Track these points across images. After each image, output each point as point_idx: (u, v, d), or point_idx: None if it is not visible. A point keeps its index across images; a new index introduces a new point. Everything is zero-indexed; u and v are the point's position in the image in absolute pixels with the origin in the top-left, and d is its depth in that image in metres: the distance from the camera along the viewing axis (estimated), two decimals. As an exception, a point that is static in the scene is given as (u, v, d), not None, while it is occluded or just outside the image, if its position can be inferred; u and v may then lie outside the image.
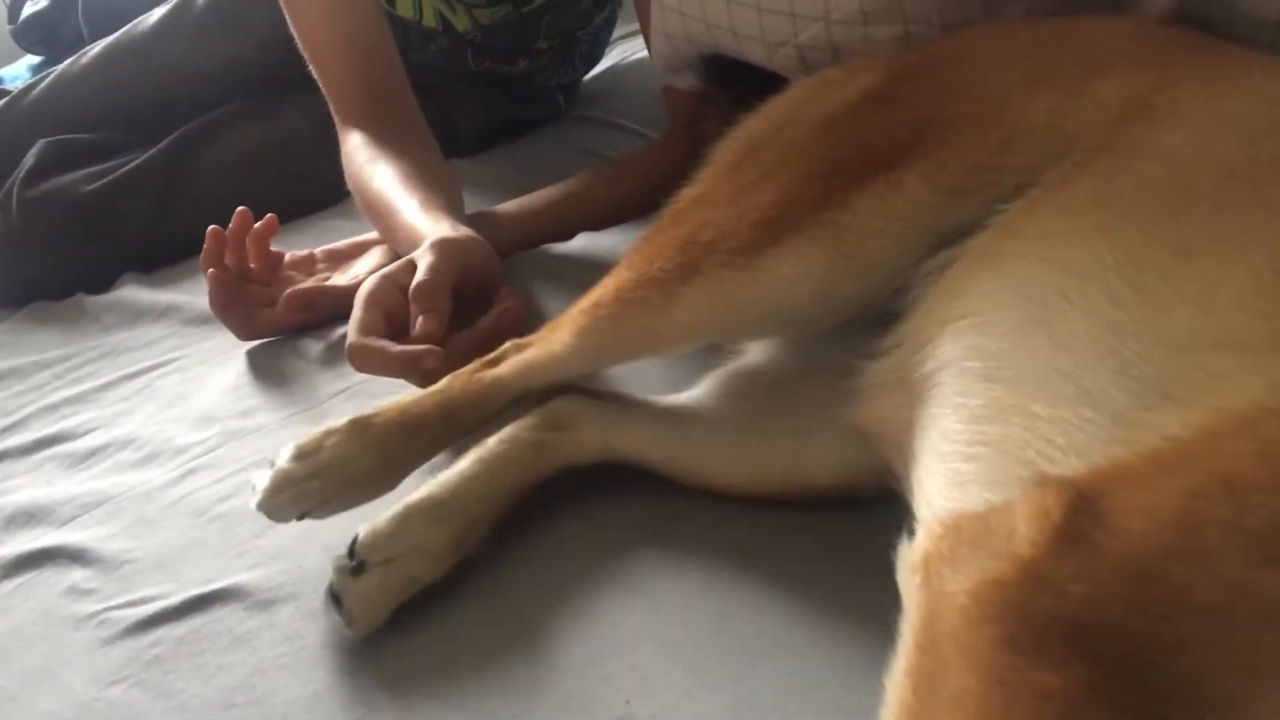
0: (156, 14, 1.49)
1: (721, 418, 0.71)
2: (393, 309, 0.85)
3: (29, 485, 0.95)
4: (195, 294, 1.23)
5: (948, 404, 0.50)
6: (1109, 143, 0.55)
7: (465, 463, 0.71)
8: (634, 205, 1.14)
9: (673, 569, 0.66)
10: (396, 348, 0.80)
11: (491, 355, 0.74)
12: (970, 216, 0.58)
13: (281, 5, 1.13)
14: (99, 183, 1.35)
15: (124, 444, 0.96)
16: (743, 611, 0.61)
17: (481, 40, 1.41)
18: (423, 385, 0.80)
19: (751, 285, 0.62)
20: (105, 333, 1.20)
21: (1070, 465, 0.43)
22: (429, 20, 1.40)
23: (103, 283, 1.33)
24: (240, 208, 1.04)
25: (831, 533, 0.65)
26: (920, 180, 0.59)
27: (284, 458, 0.69)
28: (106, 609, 0.75)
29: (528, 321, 0.87)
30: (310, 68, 1.15)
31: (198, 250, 1.33)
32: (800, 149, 0.66)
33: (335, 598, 0.66)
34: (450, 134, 1.47)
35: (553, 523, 0.73)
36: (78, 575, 0.80)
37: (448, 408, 0.72)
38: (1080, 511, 0.37)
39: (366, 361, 0.82)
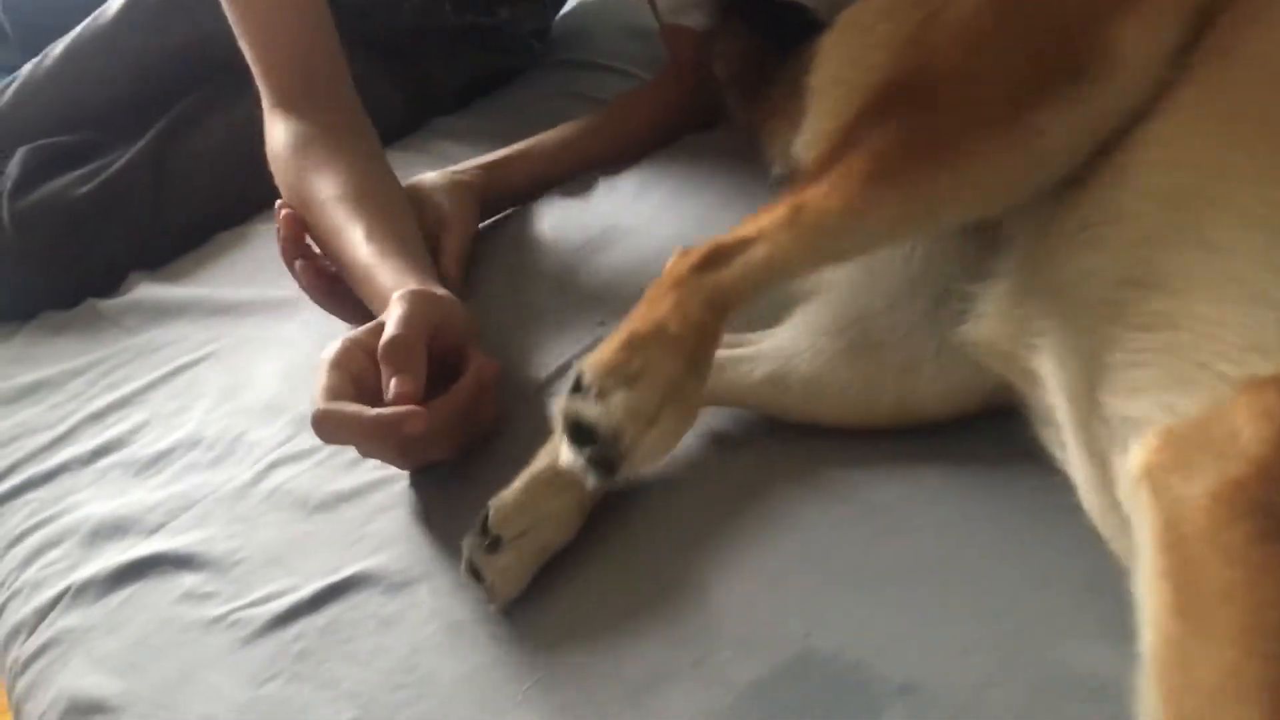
0: (114, 6, 1.45)
1: (823, 355, 0.72)
2: (360, 374, 0.76)
3: (99, 497, 0.95)
4: (211, 285, 1.22)
5: (1102, 315, 0.53)
6: (1225, 43, 0.57)
7: None
8: (644, 141, 1.16)
9: (806, 503, 0.68)
10: (372, 412, 0.72)
11: (697, 259, 0.66)
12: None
13: None
14: (91, 184, 1.32)
15: (191, 444, 0.95)
16: (895, 536, 0.63)
17: None
18: (402, 455, 0.75)
19: (1106, 94, 0.59)
20: (129, 334, 1.19)
21: (1254, 364, 0.46)
22: None
23: (108, 285, 1.30)
24: (284, 213, 0.99)
25: (955, 452, 0.68)
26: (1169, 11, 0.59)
27: (606, 383, 0.60)
28: (234, 610, 0.76)
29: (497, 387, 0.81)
30: (240, 44, 1.07)
31: (198, 241, 1.34)
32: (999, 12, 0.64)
33: (475, 573, 0.68)
34: (427, 94, 1.46)
35: (659, 478, 0.74)
36: (189, 581, 0.80)
37: (713, 312, 0.64)
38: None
39: (335, 430, 0.73)
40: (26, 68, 1.45)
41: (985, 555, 0.60)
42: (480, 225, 1.12)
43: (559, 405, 0.62)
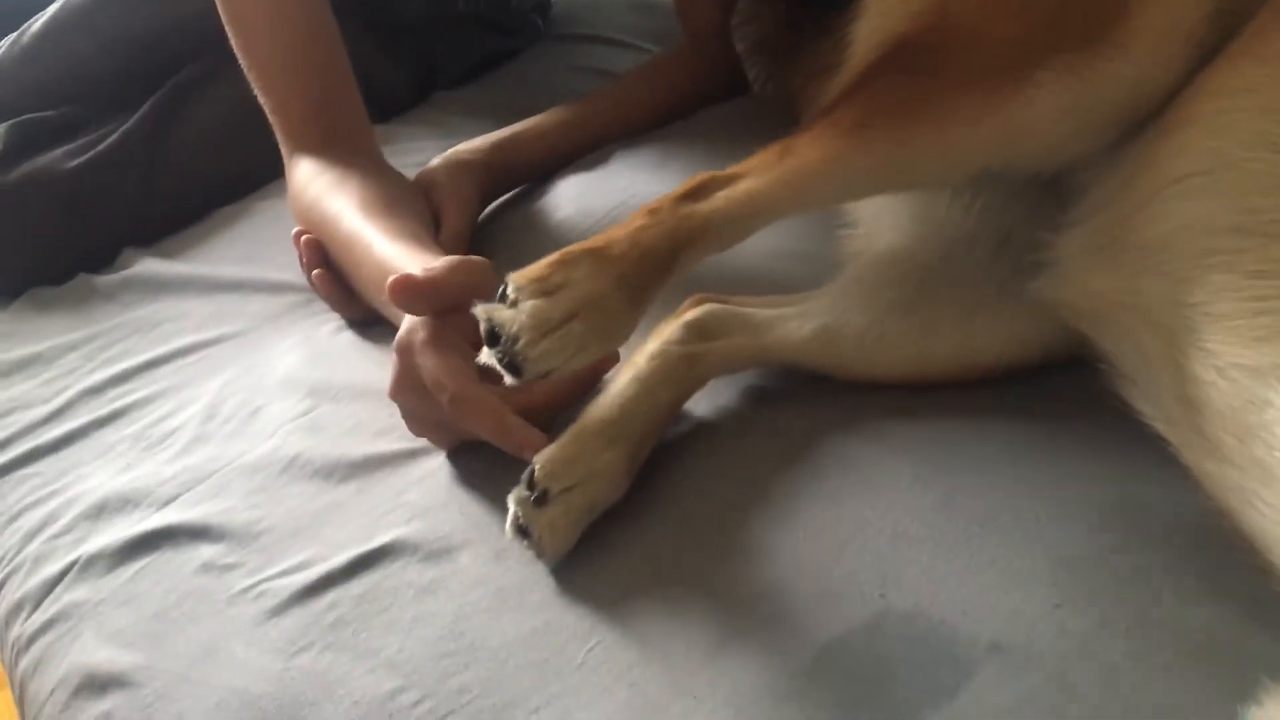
0: None
1: (875, 307, 0.70)
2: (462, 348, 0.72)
3: (104, 471, 0.91)
4: (212, 262, 1.19)
5: (1208, 265, 0.51)
6: None
7: (623, 383, 0.70)
8: (661, 115, 1.14)
9: (865, 459, 0.66)
10: (513, 417, 0.69)
11: (686, 188, 0.65)
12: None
13: (221, 15, 1.04)
14: (81, 159, 1.28)
15: (204, 419, 0.91)
16: (965, 492, 0.61)
17: None
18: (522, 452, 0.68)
19: (1105, 79, 0.59)
20: (126, 309, 1.15)
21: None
22: None
23: (98, 261, 1.27)
24: (304, 239, 0.96)
25: (1021, 405, 0.66)
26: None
27: (522, 294, 0.59)
28: (260, 580, 0.72)
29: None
30: (253, 87, 1.04)
31: (192, 217, 1.31)
32: None
33: (522, 530, 0.65)
34: (433, 75, 1.43)
35: (705, 436, 0.72)
36: (208, 552, 0.77)
37: (672, 240, 0.63)
38: None
39: (482, 418, 0.69)
40: (3, 45, 1.41)
41: (1066, 512, 0.58)
42: (494, 202, 1.10)
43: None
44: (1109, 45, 0.59)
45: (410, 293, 0.73)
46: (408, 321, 0.74)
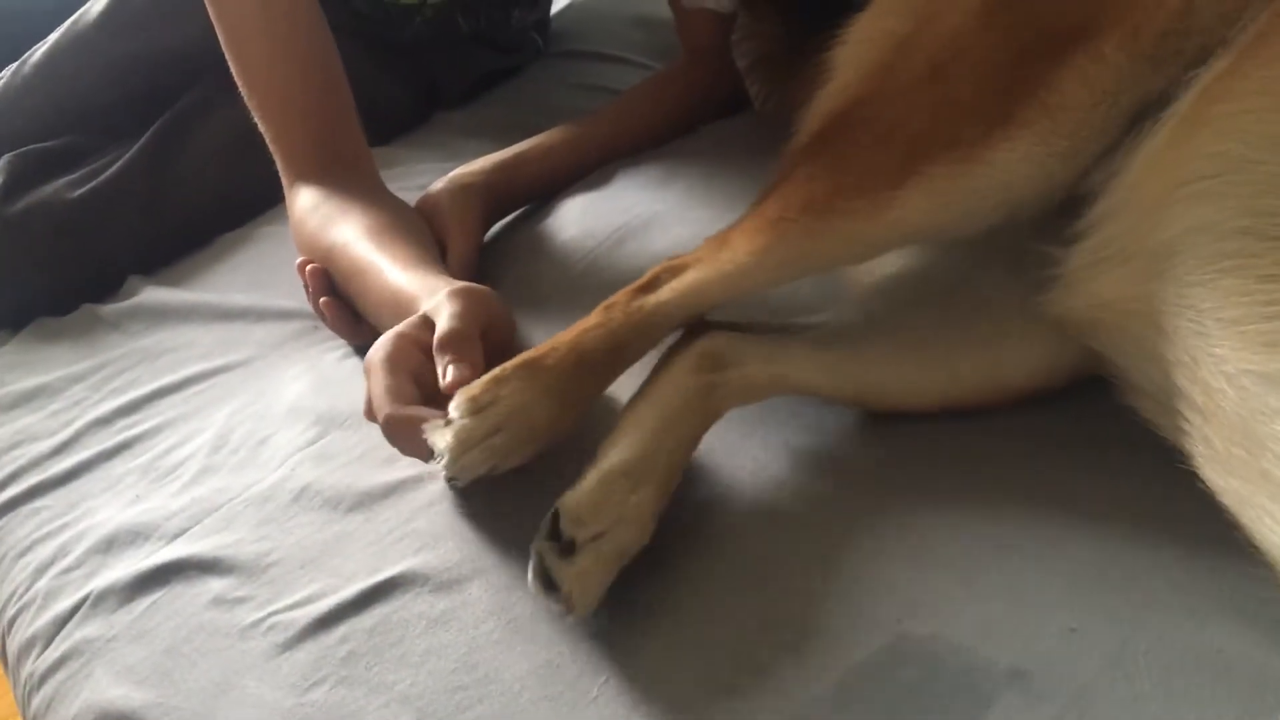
0: (94, 10, 1.41)
1: (898, 334, 0.69)
2: (417, 370, 0.73)
3: (114, 504, 0.90)
4: (218, 290, 1.18)
5: (1218, 269, 0.50)
6: None
7: (640, 419, 0.68)
8: (662, 132, 1.13)
9: (880, 487, 0.65)
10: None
11: (643, 281, 0.71)
12: (1165, 84, 0.58)
13: (223, 45, 1.03)
14: (84, 188, 1.27)
15: (212, 449, 0.91)
16: (981, 520, 0.61)
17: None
18: None
19: (973, 179, 0.61)
20: (131, 339, 1.14)
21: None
22: None
23: (102, 290, 1.26)
24: (310, 268, 0.96)
25: (1044, 427, 0.65)
26: (1118, 49, 0.59)
27: (458, 412, 0.65)
28: (270, 614, 0.72)
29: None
30: (253, 115, 1.03)
31: (195, 245, 1.30)
32: (973, 35, 0.65)
33: (548, 582, 0.61)
34: (434, 94, 1.43)
35: (714, 467, 0.71)
36: (218, 585, 0.76)
37: (615, 340, 0.69)
38: None
39: (408, 435, 0.69)
40: (4, 75, 1.41)
41: (1083, 536, 0.57)
42: (499, 223, 1.09)
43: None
44: (993, 143, 0.62)
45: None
46: (376, 341, 0.75)
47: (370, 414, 0.74)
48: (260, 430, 0.91)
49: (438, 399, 0.70)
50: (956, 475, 0.64)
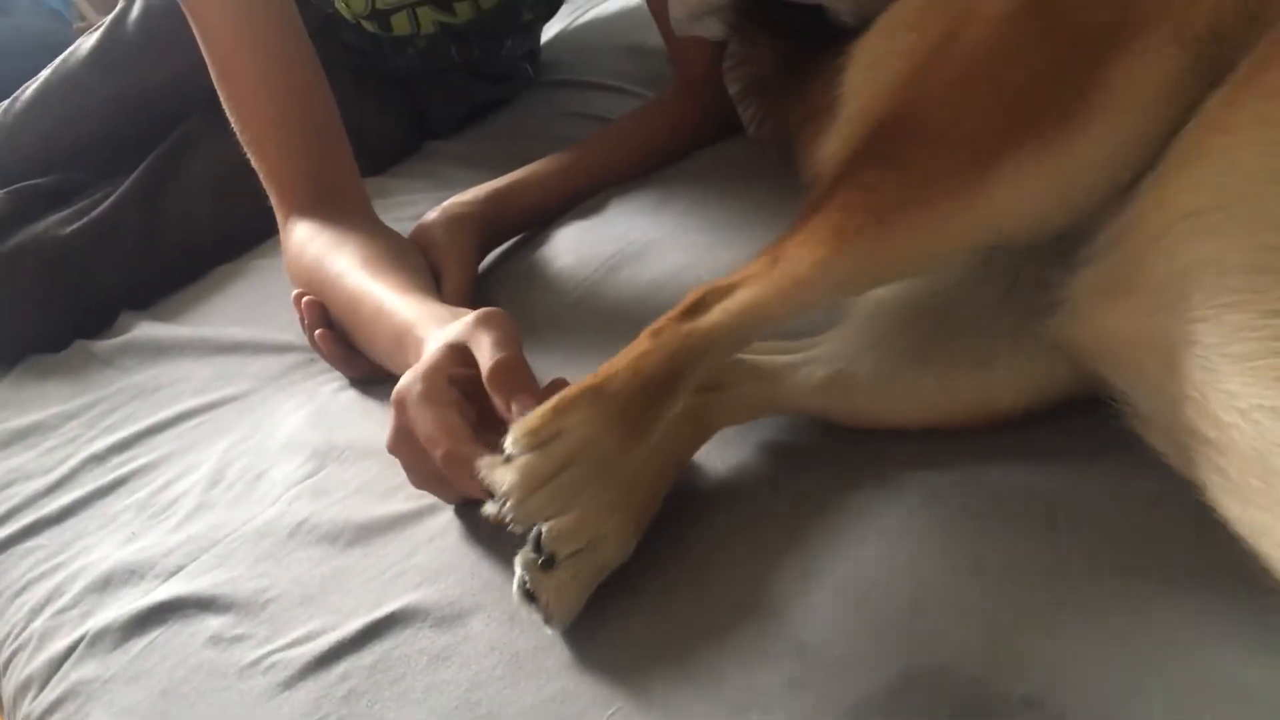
0: (86, 46, 1.41)
1: (890, 354, 0.69)
2: (457, 404, 0.70)
3: (109, 542, 0.89)
4: (212, 323, 1.18)
5: (1222, 303, 0.50)
6: None
7: None
8: (656, 159, 1.13)
9: (883, 511, 0.65)
10: None
11: (685, 305, 0.66)
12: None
13: (214, 80, 1.03)
14: (76, 225, 1.27)
15: (208, 485, 0.90)
16: (986, 543, 0.60)
17: (472, 29, 1.36)
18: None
19: (1063, 161, 0.59)
20: (125, 375, 1.13)
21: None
22: (426, 28, 1.35)
23: (95, 326, 1.26)
24: (305, 300, 0.96)
25: (1042, 448, 0.65)
26: (1169, 43, 0.58)
27: (516, 448, 0.58)
28: (269, 652, 0.71)
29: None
30: (246, 150, 1.03)
31: (187, 279, 1.30)
32: (1009, 41, 0.63)
33: (529, 594, 0.63)
34: (423, 127, 1.43)
35: (715, 488, 0.71)
36: (215, 624, 0.75)
37: (674, 363, 0.63)
38: None
39: (474, 475, 0.62)
40: (-4, 112, 1.41)
41: (1093, 559, 0.57)
42: (493, 252, 1.09)
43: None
44: (1072, 128, 0.59)
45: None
46: (406, 375, 0.72)
47: (394, 447, 0.73)
48: (257, 465, 0.90)
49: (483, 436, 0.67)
50: (960, 499, 0.64)
